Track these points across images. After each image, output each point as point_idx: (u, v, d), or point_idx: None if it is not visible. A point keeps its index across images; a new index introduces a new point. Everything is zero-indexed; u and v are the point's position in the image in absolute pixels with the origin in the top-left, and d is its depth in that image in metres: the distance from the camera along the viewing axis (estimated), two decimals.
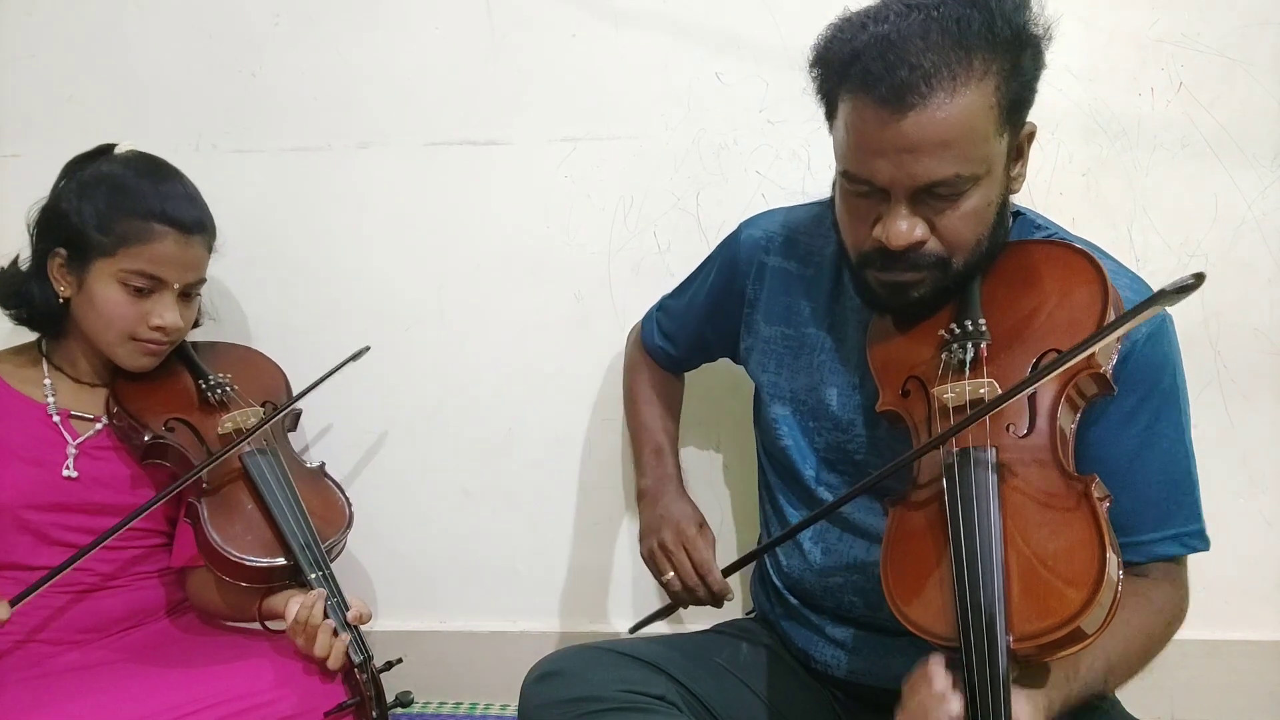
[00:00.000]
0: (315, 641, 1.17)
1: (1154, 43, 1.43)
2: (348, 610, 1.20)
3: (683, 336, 1.38)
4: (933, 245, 0.99)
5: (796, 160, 1.51)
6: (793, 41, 1.47)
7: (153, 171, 1.29)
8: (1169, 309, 1.03)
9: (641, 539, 1.24)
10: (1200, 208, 1.46)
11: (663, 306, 1.42)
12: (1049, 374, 0.89)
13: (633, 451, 1.41)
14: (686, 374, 1.49)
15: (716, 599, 1.17)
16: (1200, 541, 1.04)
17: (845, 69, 0.96)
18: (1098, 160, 1.47)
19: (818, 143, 1.48)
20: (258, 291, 1.62)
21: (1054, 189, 1.47)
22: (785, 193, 1.51)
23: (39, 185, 1.31)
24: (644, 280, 1.56)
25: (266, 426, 1.30)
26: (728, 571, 1.16)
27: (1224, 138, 1.44)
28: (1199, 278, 0.81)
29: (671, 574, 1.18)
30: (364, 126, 1.58)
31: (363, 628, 1.22)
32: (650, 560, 1.21)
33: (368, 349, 1.38)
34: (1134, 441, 1.01)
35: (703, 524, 1.23)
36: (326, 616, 1.19)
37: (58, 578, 1.19)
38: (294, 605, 1.19)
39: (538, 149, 1.55)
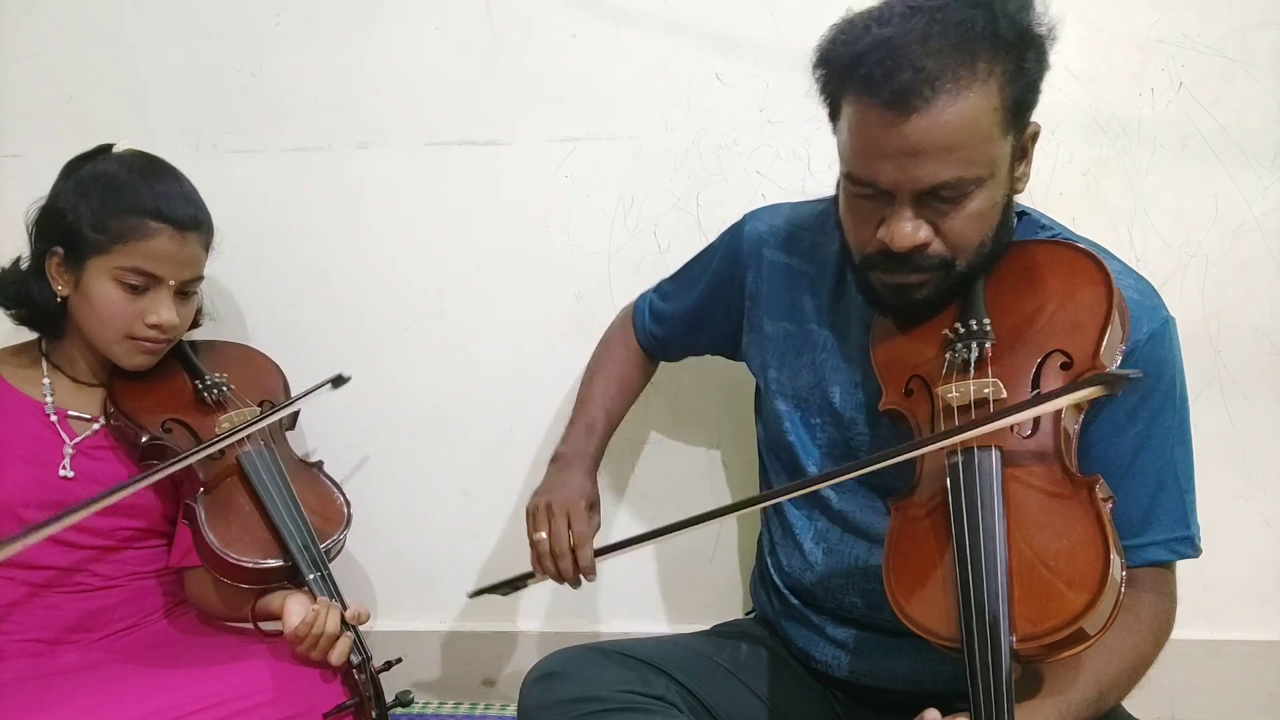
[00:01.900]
0: (318, 649, 1.17)
1: (1154, 43, 1.43)
2: (346, 610, 1.20)
3: (676, 322, 1.36)
4: (937, 247, 0.99)
5: (796, 160, 1.51)
6: (793, 42, 1.47)
7: (148, 169, 1.29)
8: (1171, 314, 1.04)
9: (534, 495, 1.24)
10: (1200, 208, 1.46)
11: (659, 291, 1.41)
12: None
13: (571, 417, 1.38)
14: (686, 376, 1.49)
15: (576, 577, 1.17)
16: (1189, 548, 1.03)
17: (848, 72, 0.96)
18: (1098, 160, 1.47)
19: (818, 143, 1.48)
20: (257, 292, 1.62)
21: (1054, 189, 1.47)
22: (785, 193, 1.50)
23: (39, 185, 1.31)
24: (644, 280, 1.56)
25: (261, 425, 1.30)
26: (603, 552, 1.16)
27: (1224, 138, 1.44)
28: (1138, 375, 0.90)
29: (544, 535, 1.17)
30: (364, 126, 1.57)
31: (362, 628, 1.22)
32: (530, 516, 1.20)
33: (349, 378, 1.33)
34: (1131, 443, 1.01)
35: (594, 505, 1.23)
36: None
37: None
38: (295, 617, 1.19)
39: (538, 149, 1.55)
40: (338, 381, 1.32)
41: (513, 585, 1.21)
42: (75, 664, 1.25)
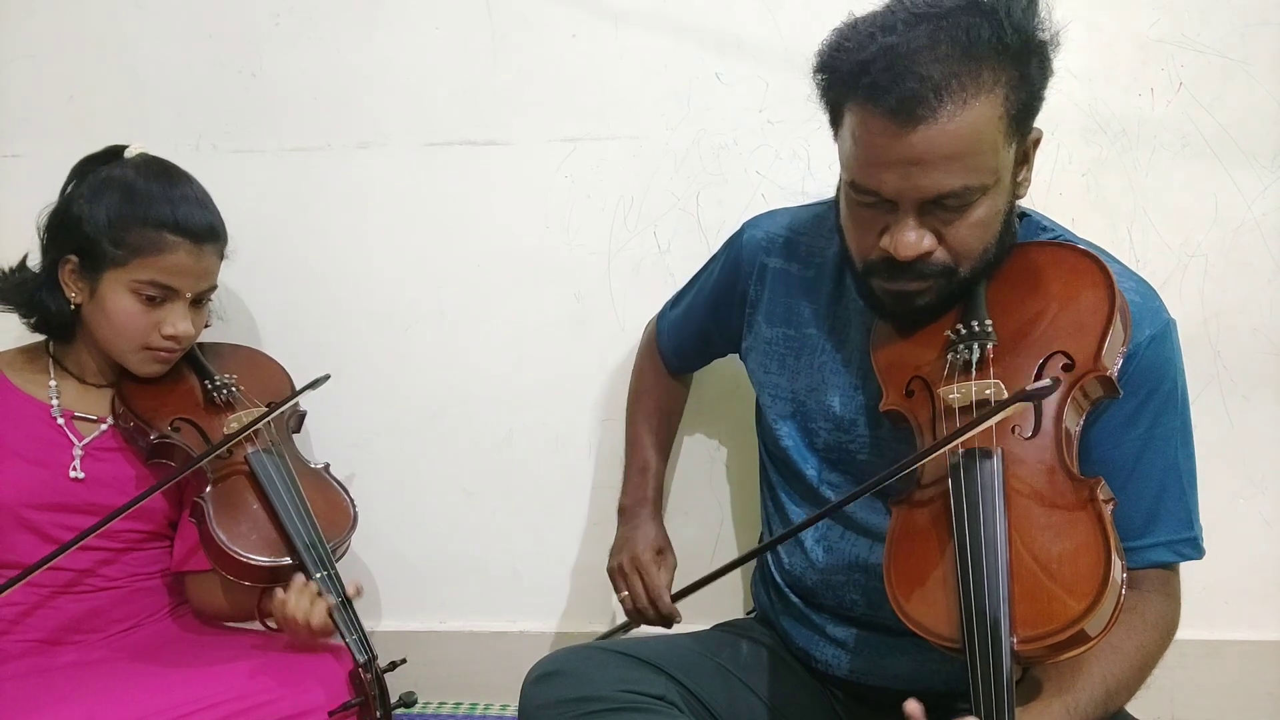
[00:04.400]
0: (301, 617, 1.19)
1: (1154, 43, 1.43)
2: (351, 610, 1.21)
3: (688, 336, 1.39)
4: (940, 255, 0.99)
5: (796, 160, 1.51)
6: (793, 42, 1.47)
7: (164, 177, 1.28)
8: (1170, 315, 1.04)
9: (610, 556, 1.35)
10: (1200, 208, 1.46)
11: (672, 305, 1.43)
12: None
13: (624, 461, 1.44)
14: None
15: (665, 621, 1.27)
16: (1192, 549, 1.03)
17: (853, 80, 0.95)
18: (1098, 160, 1.47)
19: (818, 143, 1.48)
20: (257, 291, 1.62)
21: (1054, 189, 1.47)
22: (785, 193, 1.51)
23: (40, 185, 1.31)
24: (644, 280, 1.57)
25: (267, 423, 1.31)
26: (679, 596, 1.24)
27: (1224, 138, 1.44)
28: (1055, 382, 0.91)
29: (626, 594, 1.29)
30: (364, 126, 1.57)
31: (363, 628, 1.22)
32: (611, 578, 1.32)
33: (328, 376, 1.35)
34: (1134, 446, 1.01)
35: (663, 549, 1.33)
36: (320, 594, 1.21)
37: (38, 573, 1.18)
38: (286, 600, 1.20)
39: (538, 149, 1.55)
40: (316, 383, 1.33)
41: (622, 630, 1.31)
42: (76, 663, 1.25)
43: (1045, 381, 0.89)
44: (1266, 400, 1.50)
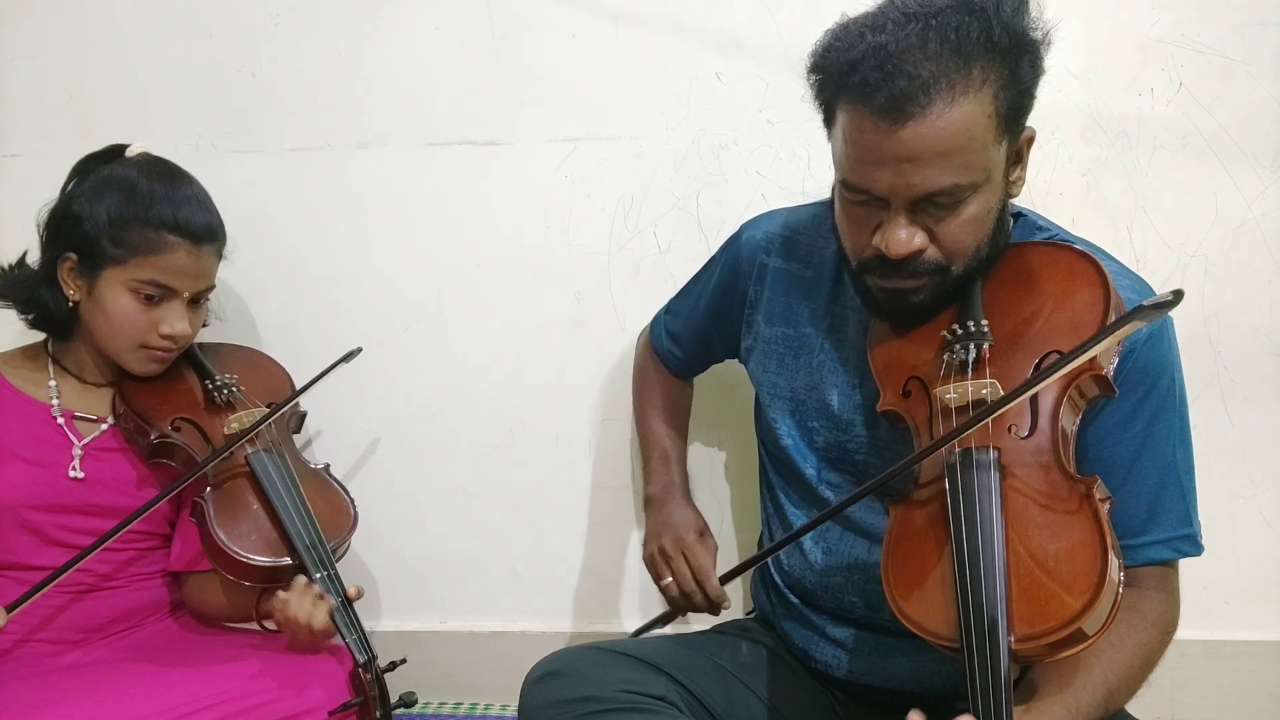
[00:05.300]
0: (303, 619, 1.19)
1: (1154, 43, 1.43)
2: (351, 610, 1.21)
3: (688, 339, 1.38)
4: (932, 253, 0.99)
5: (796, 160, 1.51)
6: (793, 42, 1.47)
7: (166, 177, 1.29)
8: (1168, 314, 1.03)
9: (645, 544, 1.27)
10: (1200, 208, 1.46)
11: (669, 309, 1.43)
12: (1052, 375, 0.89)
13: (641, 457, 1.43)
14: None
15: (713, 606, 1.18)
16: (1191, 546, 1.03)
17: (843, 79, 0.96)
18: (1098, 160, 1.47)
19: (818, 143, 1.48)
20: (257, 291, 1.62)
21: (1054, 189, 1.47)
22: (785, 193, 1.51)
23: (40, 185, 1.31)
24: (644, 280, 1.57)
25: (268, 423, 1.31)
26: (726, 578, 1.16)
27: (1224, 138, 1.44)
28: (1178, 295, 0.82)
29: (669, 579, 1.20)
30: (364, 126, 1.58)
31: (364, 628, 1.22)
32: (650, 565, 1.23)
33: (360, 350, 1.38)
34: (1132, 443, 1.01)
35: (704, 531, 1.25)
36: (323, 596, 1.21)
37: (34, 574, 1.19)
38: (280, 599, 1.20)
39: (538, 149, 1.55)
40: (349, 356, 1.35)
41: (663, 621, 1.22)
42: (76, 663, 1.25)
43: (1167, 295, 0.81)
44: (1266, 400, 1.50)
